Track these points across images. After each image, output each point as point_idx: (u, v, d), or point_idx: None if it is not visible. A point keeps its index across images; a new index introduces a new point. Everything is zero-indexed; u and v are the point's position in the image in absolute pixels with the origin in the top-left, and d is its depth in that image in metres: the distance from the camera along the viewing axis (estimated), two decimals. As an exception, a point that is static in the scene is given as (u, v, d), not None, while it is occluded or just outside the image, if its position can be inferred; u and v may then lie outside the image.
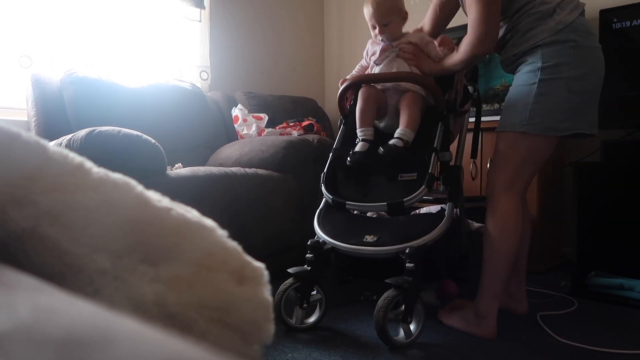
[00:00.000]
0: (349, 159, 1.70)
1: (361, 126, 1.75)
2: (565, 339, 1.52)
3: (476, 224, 2.08)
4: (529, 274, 2.29)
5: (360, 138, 1.73)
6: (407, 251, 1.49)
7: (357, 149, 1.71)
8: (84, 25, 2.60)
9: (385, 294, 1.44)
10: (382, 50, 1.78)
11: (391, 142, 1.64)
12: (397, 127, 1.68)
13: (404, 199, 1.58)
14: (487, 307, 1.57)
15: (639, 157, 2.12)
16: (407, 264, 1.47)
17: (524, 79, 1.59)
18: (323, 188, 1.76)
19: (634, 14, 2.22)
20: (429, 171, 1.62)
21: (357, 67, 1.95)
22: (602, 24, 2.31)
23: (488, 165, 2.12)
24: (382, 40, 1.77)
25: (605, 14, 2.30)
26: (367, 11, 1.79)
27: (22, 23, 2.39)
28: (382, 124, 1.83)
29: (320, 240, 1.67)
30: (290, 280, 1.61)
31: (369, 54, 1.86)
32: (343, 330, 1.62)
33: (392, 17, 1.76)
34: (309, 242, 1.67)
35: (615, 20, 2.26)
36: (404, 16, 1.79)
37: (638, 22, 2.20)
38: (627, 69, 2.27)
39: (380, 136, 1.75)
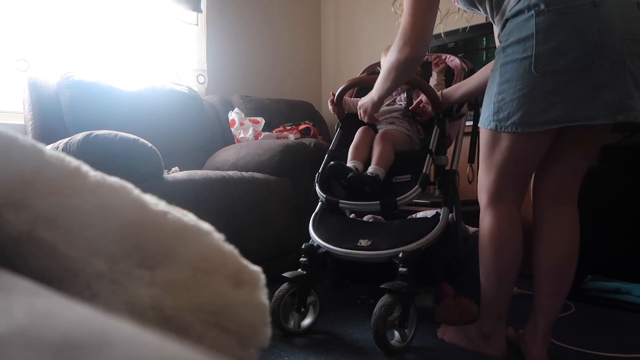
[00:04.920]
0: (331, 162, 1.68)
1: (352, 159, 1.72)
2: (562, 343, 1.52)
3: (472, 229, 2.09)
4: (526, 277, 2.28)
5: (350, 165, 1.70)
6: (400, 255, 1.49)
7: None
8: (81, 28, 2.60)
9: (382, 302, 1.42)
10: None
11: (369, 170, 1.64)
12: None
13: (397, 198, 1.58)
14: (490, 328, 1.41)
15: (636, 161, 2.13)
16: (400, 269, 1.47)
17: (494, 65, 1.31)
18: (317, 187, 1.76)
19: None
20: (423, 171, 1.62)
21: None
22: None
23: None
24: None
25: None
26: None
27: (18, 27, 2.39)
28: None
29: (315, 244, 1.67)
30: (286, 285, 1.60)
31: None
32: (340, 333, 1.62)
33: None
34: (302, 246, 1.67)
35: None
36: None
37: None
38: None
39: None
